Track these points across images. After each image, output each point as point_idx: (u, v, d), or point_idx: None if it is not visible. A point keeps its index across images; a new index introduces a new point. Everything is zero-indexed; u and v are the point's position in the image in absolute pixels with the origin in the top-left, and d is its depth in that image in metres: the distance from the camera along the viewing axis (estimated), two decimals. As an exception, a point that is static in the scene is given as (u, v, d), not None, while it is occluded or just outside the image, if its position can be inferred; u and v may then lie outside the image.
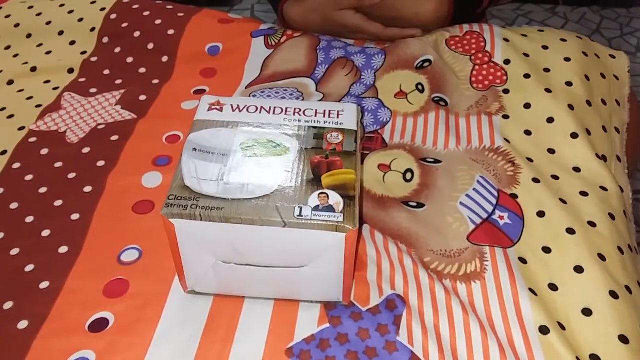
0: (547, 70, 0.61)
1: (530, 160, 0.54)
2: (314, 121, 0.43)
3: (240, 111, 0.44)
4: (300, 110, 0.44)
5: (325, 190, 0.38)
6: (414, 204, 0.51)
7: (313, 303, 0.42)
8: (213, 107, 0.44)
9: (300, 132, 0.42)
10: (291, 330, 0.40)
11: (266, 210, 0.36)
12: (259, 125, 0.43)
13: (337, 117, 0.43)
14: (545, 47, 0.63)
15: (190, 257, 0.40)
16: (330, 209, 0.37)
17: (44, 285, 0.44)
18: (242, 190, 0.37)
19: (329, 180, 0.38)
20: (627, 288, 0.44)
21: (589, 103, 0.58)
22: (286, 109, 0.44)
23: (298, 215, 0.36)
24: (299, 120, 0.43)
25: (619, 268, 0.45)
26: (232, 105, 0.44)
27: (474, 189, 0.51)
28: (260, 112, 0.44)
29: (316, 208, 0.37)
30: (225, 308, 0.42)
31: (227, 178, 0.38)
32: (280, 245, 0.38)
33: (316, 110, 0.44)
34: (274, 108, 0.44)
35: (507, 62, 0.62)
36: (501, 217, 0.49)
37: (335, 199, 0.37)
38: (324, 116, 0.44)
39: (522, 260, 0.46)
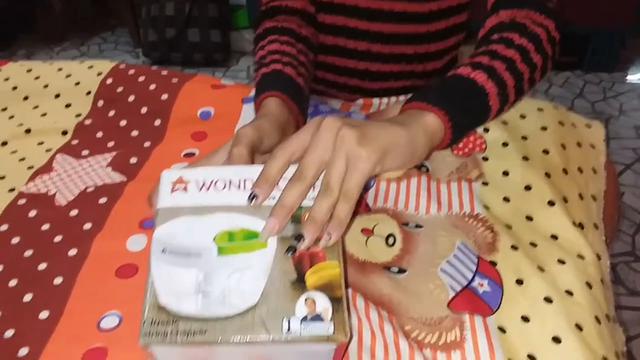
0: (524, 138, 0.64)
1: (509, 227, 0.55)
2: None
3: (207, 189, 0.40)
4: None
5: (311, 294, 0.36)
6: (396, 270, 0.51)
7: None
8: (176, 186, 0.41)
9: None
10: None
11: (253, 328, 0.35)
12: (231, 210, 0.40)
13: (313, 191, 0.42)
14: (522, 116, 0.66)
15: None
16: (319, 318, 0.35)
17: (23, 352, 0.44)
18: (224, 303, 0.35)
19: (313, 279, 0.37)
20: (605, 359, 0.44)
21: (565, 171, 0.60)
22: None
23: (287, 331, 0.35)
24: (273, 197, 0.41)
25: (596, 338, 0.45)
26: (197, 181, 0.41)
27: (454, 255, 0.52)
28: (229, 188, 0.41)
29: (304, 319, 0.35)
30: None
31: (205, 287, 0.36)
32: (267, 357, 0.37)
33: None
34: (244, 181, 0.41)
35: (486, 130, 0.65)
36: (481, 285, 0.50)
37: (322, 305, 0.36)
38: None
39: (502, 330, 0.46)
